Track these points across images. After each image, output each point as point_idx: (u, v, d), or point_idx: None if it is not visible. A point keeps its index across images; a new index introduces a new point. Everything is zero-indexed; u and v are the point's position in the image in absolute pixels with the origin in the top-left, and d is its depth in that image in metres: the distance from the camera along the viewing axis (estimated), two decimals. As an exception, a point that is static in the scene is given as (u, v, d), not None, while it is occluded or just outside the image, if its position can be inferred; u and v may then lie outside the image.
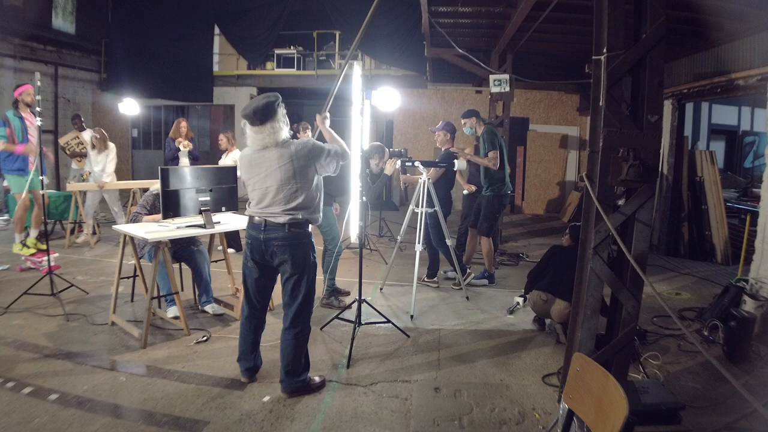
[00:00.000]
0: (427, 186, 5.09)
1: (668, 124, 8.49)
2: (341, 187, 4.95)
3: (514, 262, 7.17)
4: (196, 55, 13.93)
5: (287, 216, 3.06)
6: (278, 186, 3.05)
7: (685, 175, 8.51)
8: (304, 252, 3.14)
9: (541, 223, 11.12)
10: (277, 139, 3.05)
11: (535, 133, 12.81)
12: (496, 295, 5.66)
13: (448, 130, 5.75)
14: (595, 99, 3.07)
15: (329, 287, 5.01)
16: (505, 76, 8.18)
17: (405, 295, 5.53)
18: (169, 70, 13.78)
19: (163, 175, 4.09)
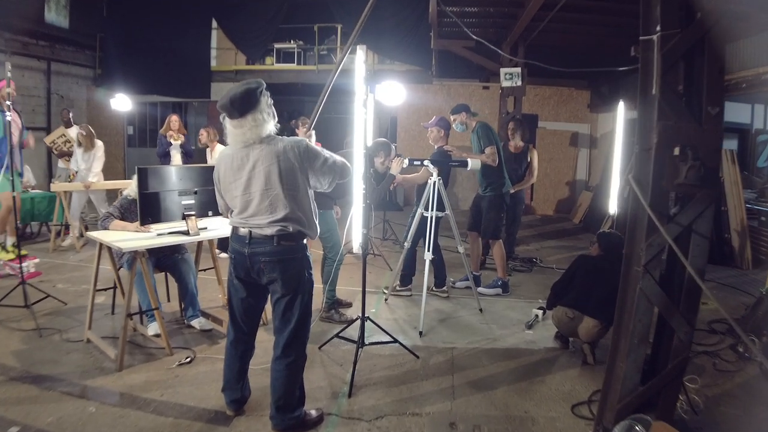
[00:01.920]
0: (437, 187, 4.61)
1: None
2: (342, 189, 4.44)
3: (527, 268, 6.69)
4: (193, 50, 13.46)
5: (274, 227, 2.59)
6: (262, 192, 2.58)
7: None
8: (297, 269, 2.67)
9: (551, 225, 10.64)
10: (260, 133, 2.57)
11: (544, 131, 12.32)
12: (512, 306, 5.19)
13: (441, 126, 5.25)
14: (645, 87, 2.59)
15: (329, 299, 4.53)
16: (517, 70, 7.74)
17: (412, 306, 5.06)
18: (165, 66, 13.30)
19: (141, 175, 3.62)
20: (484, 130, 5.38)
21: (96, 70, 14.13)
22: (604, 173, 10.76)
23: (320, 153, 2.66)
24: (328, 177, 2.69)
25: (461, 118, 5.46)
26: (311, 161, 2.62)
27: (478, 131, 5.39)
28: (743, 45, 7.16)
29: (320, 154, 2.65)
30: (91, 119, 13.47)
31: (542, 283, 6.07)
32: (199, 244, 4.71)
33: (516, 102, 7.91)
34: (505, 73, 7.68)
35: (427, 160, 4.57)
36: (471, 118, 5.51)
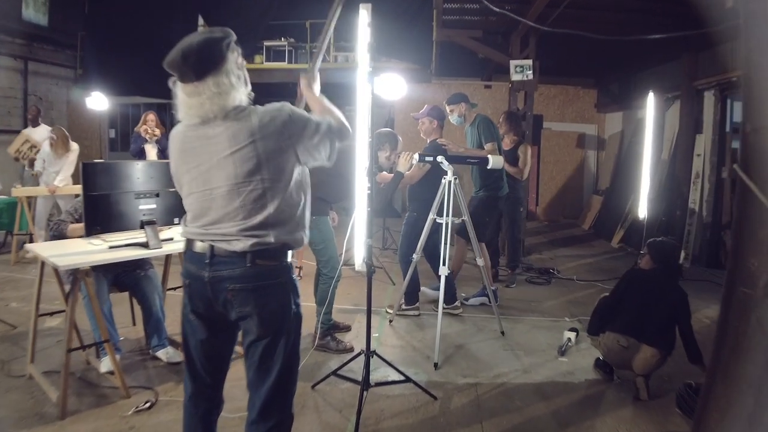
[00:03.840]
0: (453, 188, 3.89)
1: (710, 118, 7.37)
2: (340, 190, 3.71)
3: (545, 280, 5.97)
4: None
5: (249, 239, 1.83)
6: (231, 187, 1.83)
7: (728, 177, 7.41)
8: (279, 300, 1.92)
9: (560, 231, 9.94)
10: (225, 104, 1.82)
11: (549, 132, 11.65)
12: (537, 326, 4.46)
13: (434, 116, 4.54)
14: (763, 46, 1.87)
15: (324, 324, 3.78)
16: (528, 62, 7.04)
17: (422, 328, 4.32)
18: (149, 65, 12.37)
19: (86, 172, 2.88)
20: (486, 125, 4.71)
21: (77, 71, 13.39)
22: (615, 176, 10.11)
23: (309, 118, 1.92)
24: (326, 146, 1.97)
25: (460, 109, 4.77)
26: (299, 133, 1.88)
27: (478, 125, 4.73)
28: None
29: (309, 120, 1.92)
30: (71, 122, 12.77)
31: (564, 297, 5.36)
32: (167, 257, 3.96)
33: (527, 98, 7.21)
34: (516, 65, 6.98)
35: (441, 156, 3.84)
36: (471, 110, 4.82)
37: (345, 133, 2.04)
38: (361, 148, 2.57)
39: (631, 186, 8.80)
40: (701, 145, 7.42)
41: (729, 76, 6.87)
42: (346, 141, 2.05)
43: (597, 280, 6.01)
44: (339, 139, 2.01)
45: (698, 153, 7.46)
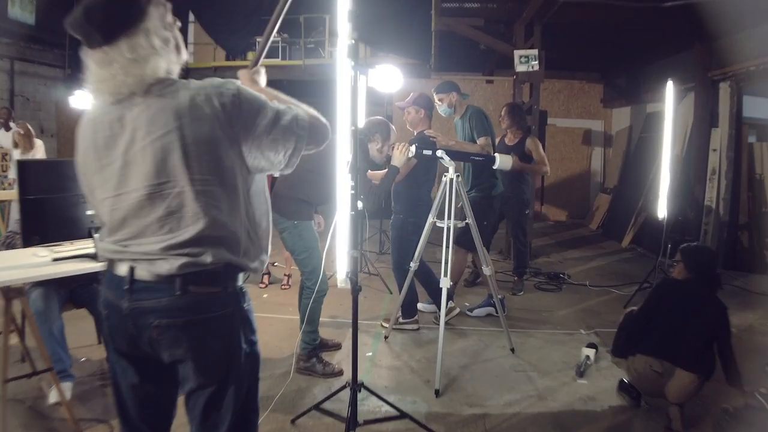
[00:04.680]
0: (455, 186, 3.43)
1: (726, 111, 6.92)
2: (325, 189, 3.26)
3: (555, 286, 5.51)
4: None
5: (177, 259, 1.36)
6: (151, 189, 1.37)
7: (745, 173, 6.98)
8: (223, 338, 1.44)
9: (567, 231, 9.48)
10: (142, 75, 1.36)
11: (554, 128, 11.18)
12: (549, 340, 4.00)
13: (421, 105, 4.08)
14: None
15: (309, 344, 3.31)
16: (534, 52, 6.58)
17: (420, 344, 3.86)
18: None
19: (22, 172, 2.43)
20: (479, 117, 4.25)
21: (65, 70, 12.96)
22: (624, 173, 9.66)
23: (265, 103, 1.45)
24: (287, 145, 1.47)
25: (450, 99, 4.32)
26: (249, 121, 1.41)
27: (470, 117, 4.27)
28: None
29: (265, 106, 1.44)
30: (60, 123, 12.33)
31: (578, 305, 4.90)
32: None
33: (533, 90, 6.74)
34: (520, 55, 6.52)
35: (441, 150, 3.37)
36: (462, 101, 4.36)
37: (319, 130, 1.55)
38: (343, 140, 2.11)
39: (641, 184, 8.35)
40: (717, 140, 6.99)
41: (746, 66, 6.43)
42: (322, 141, 1.58)
43: (611, 285, 5.55)
44: (309, 138, 1.52)
45: (714, 148, 7.03)
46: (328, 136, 1.59)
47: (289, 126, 1.46)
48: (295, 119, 1.47)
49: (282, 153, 1.47)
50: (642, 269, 6.08)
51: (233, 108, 1.37)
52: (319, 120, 1.56)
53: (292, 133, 1.47)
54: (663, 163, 5.08)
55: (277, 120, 1.44)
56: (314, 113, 1.57)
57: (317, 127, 1.54)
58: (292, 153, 1.49)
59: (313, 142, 1.54)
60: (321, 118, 1.57)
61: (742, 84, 6.82)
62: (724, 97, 6.95)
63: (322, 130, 1.56)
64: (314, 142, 1.54)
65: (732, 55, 6.52)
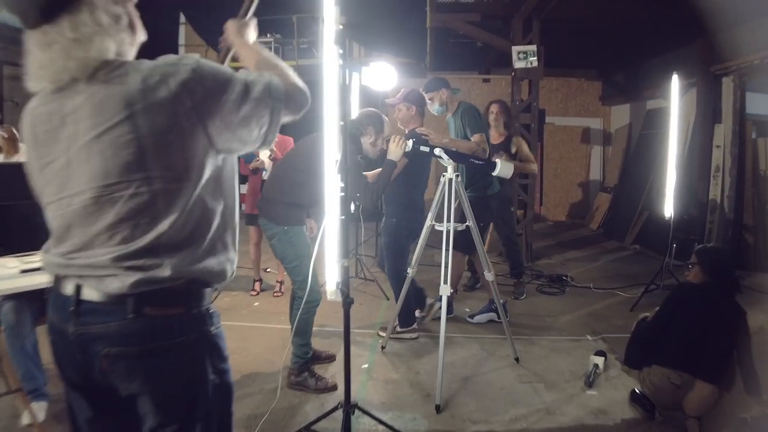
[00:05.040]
0: (455, 187, 3.23)
1: (729, 106, 6.75)
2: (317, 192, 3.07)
3: (558, 289, 5.31)
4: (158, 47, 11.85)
5: (130, 274, 1.16)
6: (98, 192, 1.16)
7: (750, 170, 6.80)
8: (185, 370, 1.23)
9: (568, 232, 9.30)
10: (86, 57, 1.16)
11: (552, 127, 10.98)
12: (555, 348, 3.80)
13: (412, 101, 3.89)
14: None
15: (300, 357, 3.11)
16: (532, 48, 6.40)
17: (420, 355, 3.65)
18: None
19: (-19, 178, 2.22)
20: (472, 113, 4.02)
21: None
22: (624, 172, 9.48)
23: (231, 76, 1.23)
24: (261, 119, 1.27)
25: (441, 96, 4.07)
26: (213, 100, 1.20)
27: (462, 114, 4.04)
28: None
29: (231, 79, 1.23)
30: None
31: (582, 309, 4.71)
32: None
33: (531, 87, 6.55)
34: (519, 51, 6.34)
35: (439, 148, 3.17)
36: (452, 98, 4.15)
37: (297, 96, 1.34)
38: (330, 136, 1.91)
39: (642, 182, 8.18)
40: (720, 136, 6.81)
41: (749, 60, 6.26)
42: (299, 109, 1.37)
43: (616, 287, 5.35)
44: (287, 106, 1.31)
45: (717, 144, 6.86)
46: (307, 102, 1.38)
47: (261, 97, 1.25)
48: (267, 88, 1.26)
49: (256, 129, 1.27)
50: (646, 270, 5.91)
51: (194, 86, 1.17)
52: (295, 85, 1.35)
53: (266, 105, 1.26)
54: (669, 160, 4.89)
55: (246, 93, 1.23)
56: (290, 77, 1.37)
57: (293, 95, 1.33)
58: (268, 128, 1.28)
59: (290, 111, 1.33)
60: (298, 83, 1.37)
61: (745, 78, 6.65)
62: (727, 92, 6.78)
63: (299, 97, 1.35)
64: (291, 111, 1.34)
65: (735, 49, 6.35)
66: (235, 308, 4.66)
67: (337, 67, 1.91)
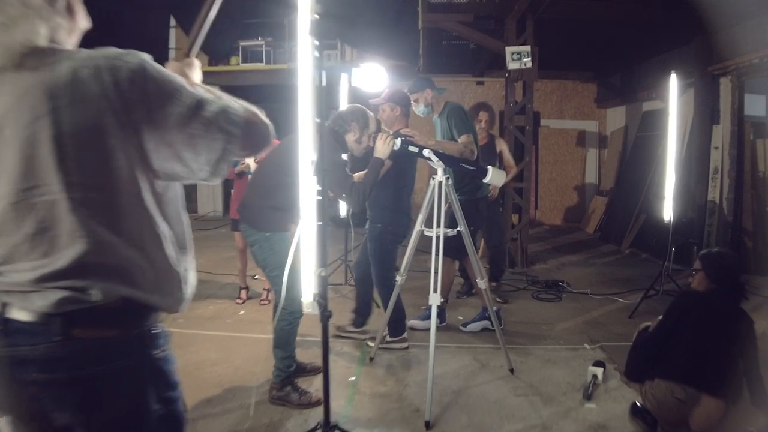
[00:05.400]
0: (445, 190, 3.07)
1: (727, 107, 6.62)
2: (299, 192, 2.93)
3: (554, 295, 5.15)
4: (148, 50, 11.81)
5: (55, 292, 1.01)
6: (16, 197, 1.01)
7: (748, 171, 6.69)
8: (124, 399, 1.08)
9: (563, 236, 9.15)
10: (12, 41, 1.02)
11: (547, 130, 10.88)
12: (551, 358, 3.64)
13: (396, 101, 3.73)
14: None
15: (282, 371, 2.94)
16: (526, 48, 6.25)
17: (409, 366, 3.48)
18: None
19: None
20: (459, 114, 3.84)
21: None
22: (620, 175, 9.36)
23: (181, 86, 1.09)
24: (210, 146, 1.12)
25: (425, 97, 3.90)
26: (155, 105, 1.06)
27: (449, 114, 3.87)
28: None
29: (181, 89, 1.09)
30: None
31: (580, 316, 4.55)
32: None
33: (526, 89, 6.41)
34: (512, 52, 6.19)
35: (428, 149, 3.01)
36: (438, 98, 3.99)
37: (258, 129, 1.19)
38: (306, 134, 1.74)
39: (639, 185, 8.05)
40: (719, 137, 6.69)
41: (748, 59, 6.14)
42: (259, 144, 1.21)
43: (614, 293, 5.20)
44: (245, 139, 1.15)
45: (716, 146, 6.74)
46: (269, 139, 1.23)
47: (215, 120, 1.10)
48: (224, 112, 1.11)
49: (204, 155, 1.11)
50: (644, 274, 5.77)
51: (133, 87, 1.02)
52: (257, 117, 1.20)
53: (220, 129, 1.11)
54: (668, 162, 4.75)
55: (197, 110, 1.08)
56: (252, 109, 1.22)
57: (255, 127, 1.18)
58: (219, 157, 1.13)
59: (249, 145, 1.18)
60: (261, 116, 1.22)
61: (743, 78, 6.53)
62: (725, 93, 6.66)
63: (262, 132, 1.20)
64: (250, 146, 1.19)
65: (733, 48, 6.23)
66: (220, 317, 4.48)
67: (313, 61, 1.75)
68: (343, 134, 3.09)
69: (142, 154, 1.06)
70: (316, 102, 1.70)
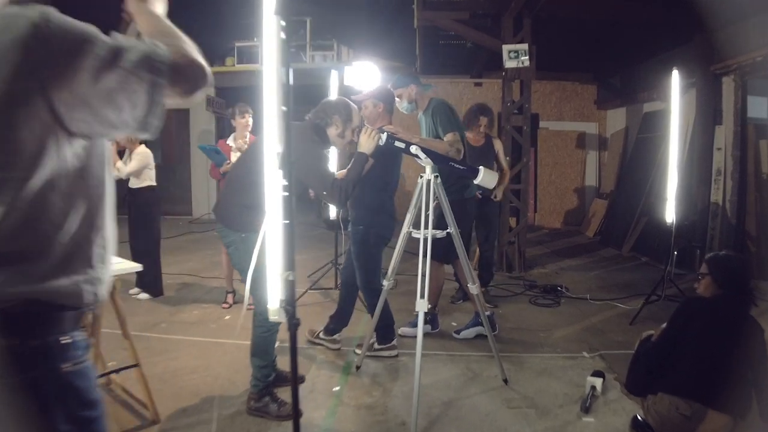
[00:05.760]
0: (433, 189, 2.89)
1: (730, 106, 6.46)
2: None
3: (553, 301, 4.97)
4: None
5: None
6: None
7: (752, 173, 6.51)
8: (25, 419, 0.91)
9: (563, 240, 8.97)
10: None
11: (546, 132, 10.72)
12: (546, 366, 3.46)
13: (379, 98, 3.56)
14: None
15: (260, 381, 2.76)
16: (524, 46, 6.10)
17: (397, 376, 3.30)
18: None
19: None
20: (443, 110, 3.65)
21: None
22: (621, 177, 9.19)
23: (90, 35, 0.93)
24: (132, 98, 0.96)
25: (409, 93, 3.71)
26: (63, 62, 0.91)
27: (433, 111, 3.68)
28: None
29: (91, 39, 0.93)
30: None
31: (578, 322, 4.37)
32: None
33: (523, 88, 6.24)
34: (509, 50, 6.03)
35: (415, 145, 2.84)
36: (422, 94, 3.79)
37: (187, 71, 1.03)
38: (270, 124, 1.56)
39: (640, 187, 7.88)
40: (721, 138, 6.52)
41: (751, 57, 5.97)
42: (191, 87, 1.05)
43: (614, 298, 5.02)
44: (173, 82, 1.00)
45: (718, 147, 6.57)
46: (203, 80, 1.07)
47: (135, 68, 0.94)
48: (146, 58, 0.96)
49: (129, 110, 0.95)
50: (645, 279, 5.60)
51: (36, 44, 0.87)
52: (187, 57, 1.04)
53: (140, 79, 0.95)
54: (670, 162, 4.58)
55: (113, 60, 0.92)
56: (184, 48, 1.06)
57: (183, 68, 1.02)
58: (147, 109, 0.97)
59: (178, 88, 1.01)
60: (194, 55, 1.06)
61: (746, 77, 6.36)
62: (728, 92, 6.50)
63: (191, 72, 1.04)
64: (180, 89, 1.02)
65: (735, 46, 6.06)
66: (203, 322, 4.30)
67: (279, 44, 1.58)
68: (324, 128, 2.91)
69: (54, 118, 0.91)
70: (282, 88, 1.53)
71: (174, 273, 5.80)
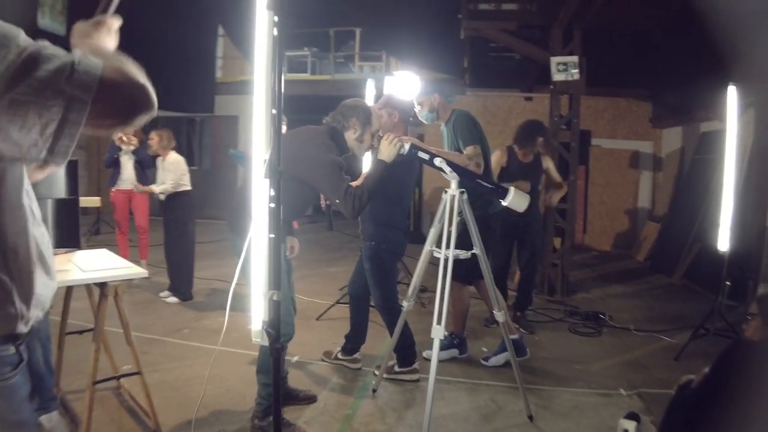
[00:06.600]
0: (458, 204, 2.70)
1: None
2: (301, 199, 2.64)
3: (594, 330, 4.66)
4: (196, 59, 12.05)
5: None
6: None
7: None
8: None
9: (612, 263, 8.55)
10: None
11: (599, 150, 10.31)
12: (579, 403, 3.19)
13: (395, 107, 3.41)
14: None
15: (265, 399, 2.62)
16: (573, 59, 5.83)
17: (414, 403, 3.09)
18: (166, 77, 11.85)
19: None
20: (465, 123, 3.47)
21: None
22: (675, 199, 8.70)
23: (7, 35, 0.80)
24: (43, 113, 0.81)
25: (431, 102, 3.55)
26: None
27: (454, 123, 3.50)
28: None
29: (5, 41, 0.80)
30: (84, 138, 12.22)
31: (619, 355, 4.07)
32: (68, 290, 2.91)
33: (572, 102, 5.97)
34: (558, 62, 5.78)
35: (440, 158, 2.66)
36: (446, 104, 3.60)
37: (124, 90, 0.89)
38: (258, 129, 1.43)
39: (695, 211, 7.41)
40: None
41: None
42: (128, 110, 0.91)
43: (661, 330, 4.65)
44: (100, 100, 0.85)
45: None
46: (146, 104, 0.91)
47: (53, 79, 0.80)
48: (67, 68, 0.82)
49: (37, 127, 0.81)
50: (696, 310, 5.19)
51: None
52: (125, 75, 0.89)
53: (56, 93, 0.81)
54: (724, 186, 4.23)
55: (27, 69, 0.79)
56: (125, 66, 0.91)
57: (119, 86, 0.87)
58: (57, 128, 0.82)
59: (106, 113, 0.87)
60: (132, 74, 0.91)
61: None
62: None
63: (132, 92, 0.89)
64: (110, 114, 0.88)
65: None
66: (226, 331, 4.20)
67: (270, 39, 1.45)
68: (342, 131, 2.77)
69: None
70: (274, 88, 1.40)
71: (206, 278, 5.78)
